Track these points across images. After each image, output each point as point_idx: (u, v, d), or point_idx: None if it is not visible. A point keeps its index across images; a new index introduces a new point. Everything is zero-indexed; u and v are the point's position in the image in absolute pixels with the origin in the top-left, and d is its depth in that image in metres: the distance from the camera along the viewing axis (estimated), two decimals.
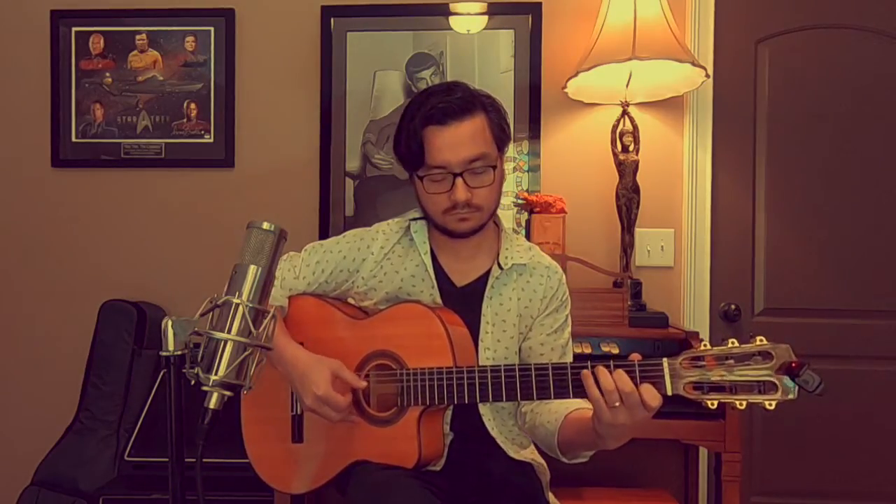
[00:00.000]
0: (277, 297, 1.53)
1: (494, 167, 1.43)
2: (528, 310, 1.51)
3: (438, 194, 1.43)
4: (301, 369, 1.38)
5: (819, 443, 2.40)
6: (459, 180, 1.40)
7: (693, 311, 2.39)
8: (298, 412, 1.48)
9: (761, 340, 1.15)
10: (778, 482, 2.42)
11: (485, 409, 1.48)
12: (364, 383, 1.40)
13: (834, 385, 1.12)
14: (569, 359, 1.54)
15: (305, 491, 1.48)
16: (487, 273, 1.51)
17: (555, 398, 1.29)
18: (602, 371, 1.19)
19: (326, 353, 1.42)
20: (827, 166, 2.42)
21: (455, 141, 1.40)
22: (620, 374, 1.18)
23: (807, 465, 2.41)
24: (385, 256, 1.54)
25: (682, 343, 2.00)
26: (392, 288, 1.51)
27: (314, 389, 1.34)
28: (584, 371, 1.21)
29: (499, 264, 1.50)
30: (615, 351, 1.98)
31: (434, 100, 1.41)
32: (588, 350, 1.97)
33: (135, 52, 2.53)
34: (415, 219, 1.57)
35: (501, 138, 1.46)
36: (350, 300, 1.60)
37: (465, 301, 1.49)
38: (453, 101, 1.40)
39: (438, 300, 1.49)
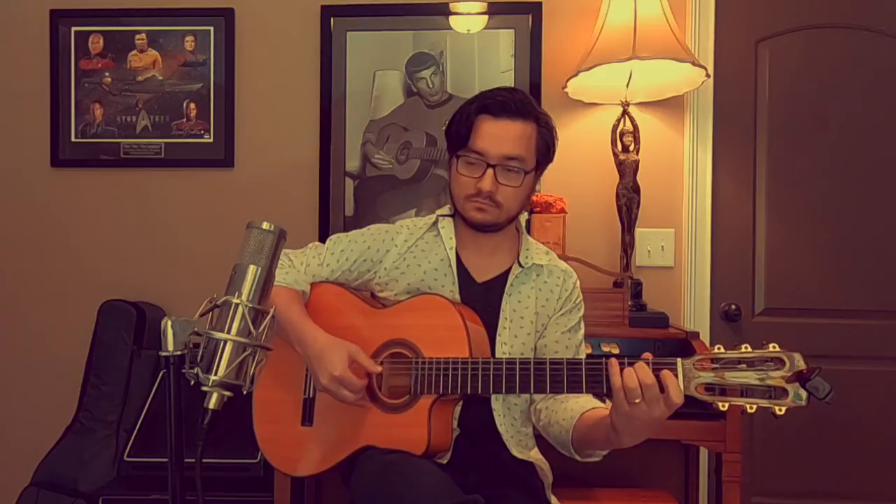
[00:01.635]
0: (301, 281, 1.56)
1: (527, 172, 1.49)
2: (545, 309, 1.55)
3: (467, 177, 1.49)
4: (319, 349, 1.42)
5: (819, 443, 2.40)
6: (490, 171, 1.47)
7: (693, 311, 2.39)
8: (311, 395, 1.51)
9: (774, 347, 1.17)
10: (778, 483, 2.42)
11: (497, 405, 1.51)
12: (379, 368, 1.42)
13: (834, 385, 1.13)
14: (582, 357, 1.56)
15: (310, 474, 1.50)
16: (507, 271, 1.56)
17: (568, 392, 1.32)
18: (627, 369, 1.21)
19: (344, 339, 1.45)
20: (828, 166, 2.42)
21: (501, 135, 1.47)
22: (643, 366, 1.20)
23: (807, 466, 2.41)
24: (408, 249, 1.58)
25: (683, 343, 2.00)
26: (414, 280, 1.55)
27: (331, 369, 1.38)
28: (612, 360, 1.22)
29: (519, 263, 1.55)
30: (615, 351, 1.98)
31: (497, 94, 1.50)
32: (588, 350, 1.96)
33: (134, 51, 2.53)
34: (443, 215, 1.61)
35: (545, 155, 1.54)
36: (369, 292, 1.64)
37: (485, 296, 1.54)
38: (514, 100, 1.49)
39: (457, 296, 1.53)
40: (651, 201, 2.36)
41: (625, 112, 2.26)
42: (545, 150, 1.53)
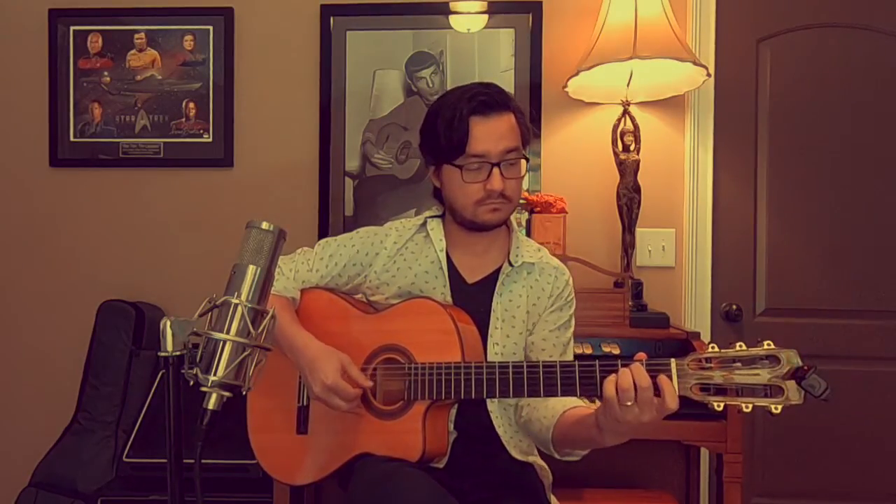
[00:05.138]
0: (290, 288, 1.55)
1: (526, 159, 1.50)
2: (536, 307, 1.54)
3: (474, 183, 1.46)
4: (311, 358, 1.41)
5: (820, 443, 2.40)
6: (496, 170, 1.45)
7: (694, 311, 2.38)
8: (305, 403, 1.50)
9: (769, 344, 1.15)
10: (779, 483, 2.41)
11: (493, 407, 1.50)
12: (370, 383, 1.41)
13: (835, 385, 1.11)
14: (569, 357, 1.55)
15: (307, 483, 1.49)
16: (498, 270, 1.54)
17: (562, 395, 1.31)
18: (622, 370, 1.19)
19: (336, 345, 1.44)
20: (829, 165, 2.41)
21: (496, 132, 1.45)
22: (639, 368, 1.18)
23: (808, 466, 2.40)
24: (398, 251, 1.56)
25: (684, 343, 1.99)
26: (405, 283, 1.54)
27: (323, 378, 1.37)
28: (623, 369, 1.19)
29: (509, 261, 1.53)
30: (616, 351, 1.97)
31: (476, 94, 1.46)
32: (589, 350, 1.96)
33: (133, 51, 2.52)
34: (432, 216, 1.60)
35: (526, 138, 1.52)
36: (361, 295, 1.62)
37: (475, 297, 1.52)
38: (494, 94, 1.47)
39: (449, 298, 1.51)
40: (652, 201, 2.35)
41: (625, 112, 2.25)
42: (527, 134, 1.52)
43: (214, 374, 0.92)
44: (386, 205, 2.46)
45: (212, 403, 0.93)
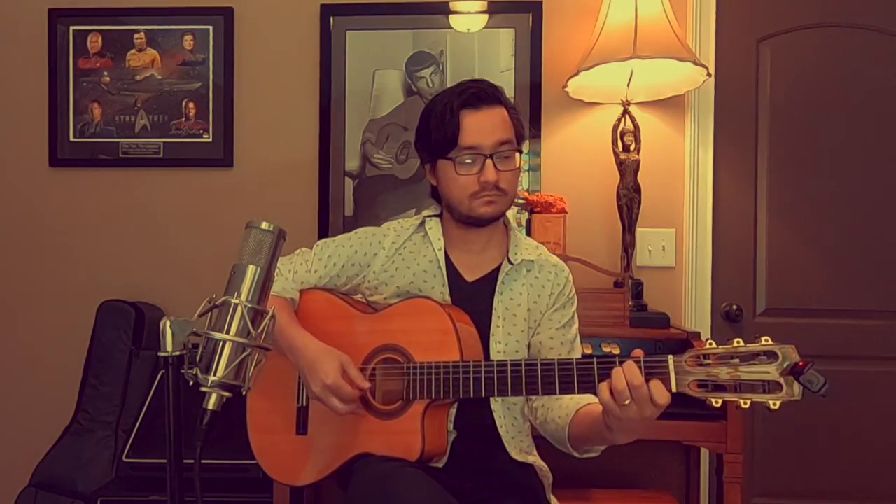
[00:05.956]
0: (289, 289, 1.56)
1: (519, 152, 1.50)
2: (537, 305, 1.54)
3: (468, 176, 1.47)
4: (311, 358, 1.41)
5: (821, 443, 2.40)
6: (489, 162, 1.46)
7: (694, 311, 2.38)
8: (304, 404, 1.50)
9: (767, 340, 1.14)
10: (780, 483, 2.41)
11: (496, 406, 1.50)
12: (367, 384, 1.41)
13: (836, 386, 1.11)
14: (577, 354, 1.56)
15: (307, 483, 1.49)
16: (497, 269, 1.55)
17: (560, 394, 1.31)
18: (615, 370, 1.19)
19: (335, 346, 1.44)
20: (829, 165, 2.41)
21: (487, 124, 1.47)
22: (631, 367, 1.18)
23: (808, 466, 2.40)
24: (396, 251, 1.57)
25: (684, 343, 1.99)
26: (403, 283, 1.54)
27: (323, 378, 1.37)
28: (616, 369, 1.20)
29: (509, 259, 1.53)
30: (616, 351, 1.97)
31: (467, 88, 1.49)
32: (589, 350, 1.96)
33: (133, 50, 2.52)
34: (430, 216, 1.60)
35: (520, 133, 1.53)
36: (360, 296, 1.62)
37: (476, 296, 1.53)
38: (485, 88, 1.49)
39: (447, 297, 1.52)
40: (652, 201, 2.35)
41: (625, 111, 2.25)
42: (521, 129, 1.53)
43: (214, 374, 0.92)
44: (386, 205, 2.46)
45: (212, 403, 0.93)
